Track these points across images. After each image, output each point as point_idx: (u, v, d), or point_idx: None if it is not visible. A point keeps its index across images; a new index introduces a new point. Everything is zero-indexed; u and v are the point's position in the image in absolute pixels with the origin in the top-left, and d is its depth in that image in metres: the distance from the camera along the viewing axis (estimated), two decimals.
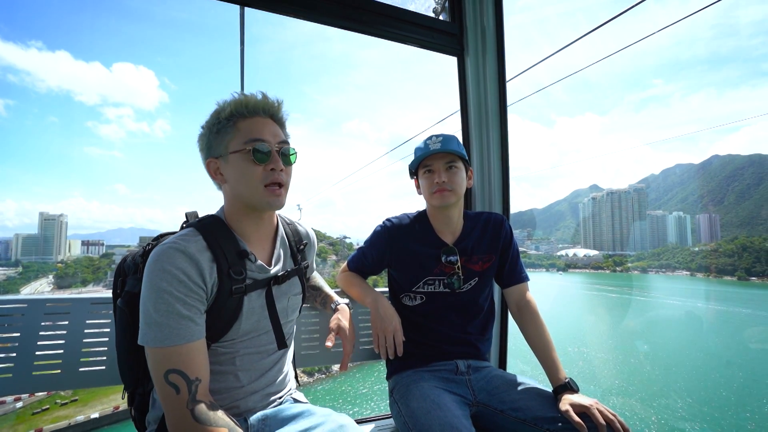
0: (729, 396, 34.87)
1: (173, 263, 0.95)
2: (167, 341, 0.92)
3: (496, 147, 2.10)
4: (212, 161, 1.10)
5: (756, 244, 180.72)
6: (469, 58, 2.11)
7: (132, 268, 1.13)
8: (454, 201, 1.53)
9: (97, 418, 30.77)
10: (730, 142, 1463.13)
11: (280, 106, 1.13)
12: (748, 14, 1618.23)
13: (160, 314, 0.92)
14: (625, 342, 55.26)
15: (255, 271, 1.12)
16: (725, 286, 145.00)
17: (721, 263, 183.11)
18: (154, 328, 0.92)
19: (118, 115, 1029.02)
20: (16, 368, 1.30)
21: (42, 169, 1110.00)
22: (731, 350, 50.52)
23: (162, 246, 0.98)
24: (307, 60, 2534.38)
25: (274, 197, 1.07)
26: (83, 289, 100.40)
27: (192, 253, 0.98)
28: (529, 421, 1.29)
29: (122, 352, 1.11)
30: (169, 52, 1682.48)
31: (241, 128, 1.06)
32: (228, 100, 1.09)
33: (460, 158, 1.54)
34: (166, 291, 0.93)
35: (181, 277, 0.95)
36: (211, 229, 1.06)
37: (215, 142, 1.08)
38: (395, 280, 1.66)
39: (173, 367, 0.91)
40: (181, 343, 0.93)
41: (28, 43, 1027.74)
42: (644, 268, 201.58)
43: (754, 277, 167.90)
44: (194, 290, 0.97)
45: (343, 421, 1.06)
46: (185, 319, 0.94)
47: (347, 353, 1.36)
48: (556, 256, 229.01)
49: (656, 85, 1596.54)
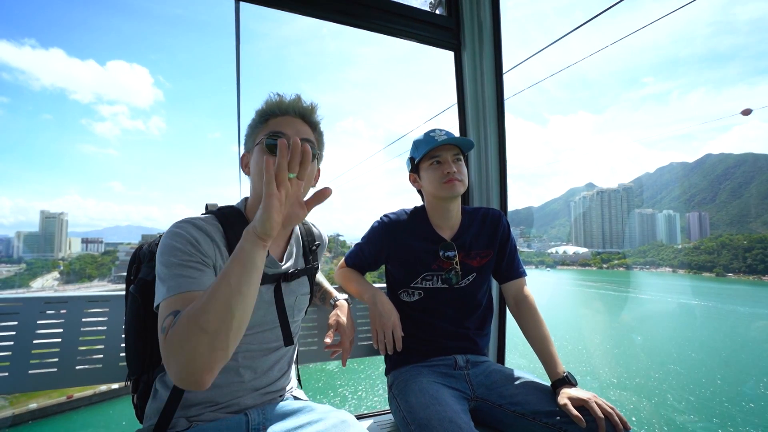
0: (680, 371, 36.88)
1: (187, 230, 0.97)
2: (173, 290, 0.90)
3: (493, 142, 2.10)
4: (245, 155, 1.16)
5: (735, 242, 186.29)
6: (466, 52, 2.11)
7: (147, 256, 1.14)
8: (462, 191, 1.54)
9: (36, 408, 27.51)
10: (723, 140, 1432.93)
11: (314, 109, 1.16)
12: (747, 11, 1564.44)
13: (170, 268, 0.92)
14: (585, 329, 58.79)
15: (266, 265, 1.11)
16: (700, 281, 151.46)
17: (702, 260, 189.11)
18: (164, 281, 0.92)
19: (112, 113, 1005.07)
20: (12, 367, 1.29)
21: (37, 166, 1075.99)
22: (685, 338, 53.66)
23: (180, 220, 1.01)
24: (305, 57, 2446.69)
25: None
26: (89, 284, 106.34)
27: (208, 230, 1.01)
28: (528, 415, 1.29)
29: (130, 338, 1.11)
30: (164, 50, 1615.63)
31: (269, 125, 1.11)
32: (266, 100, 1.14)
33: (462, 153, 1.57)
34: (178, 249, 0.94)
35: (192, 241, 0.96)
36: (229, 218, 1.08)
37: (249, 137, 1.15)
38: (393, 275, 1.66)
39: (170, 311, 0.86)
40: (186, 290, 0.90)
41: (22, 40, 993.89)
42: (629, 265, 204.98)
43: (730, 273, 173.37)
44: (203, 255, 0.97)
45: (344, 417, 1.06)
46: (191, 269, 0.94)
47: (346, 350, 1.36)
48: (546, 254, 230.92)
49: (648, 84, 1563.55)
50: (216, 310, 0.76)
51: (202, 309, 0.77)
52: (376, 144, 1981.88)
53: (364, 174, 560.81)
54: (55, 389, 1.40)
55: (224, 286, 0.77)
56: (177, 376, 0.78)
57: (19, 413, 25.75)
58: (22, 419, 25.64)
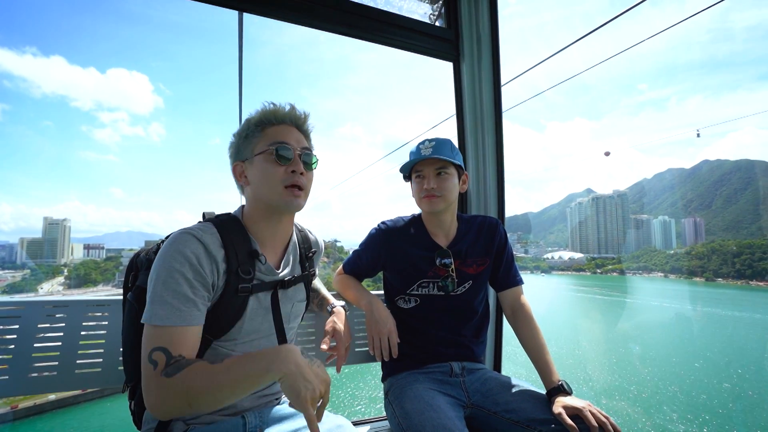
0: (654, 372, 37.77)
1: (189, 247, 0.97)
2: (167, 320, 0.92)
3: (491, 152, 2.13)
4: (238, 164, 1.15)
5: (725, 247, 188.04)
6: (465, 63, 2.15)
7: (145, 263, 1.14)
8: (442, 207, 1.54)
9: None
10: (719, 147, 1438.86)
11: (306, 117, 1.20)
12: (744, 18, 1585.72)
13: (168, 293, 0.93)
14: (563, 327, 60.64)
15: (263, 273, 1.13)
16: (689, 285, 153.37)
17: (692, 265, 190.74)
18: (159, 305, 0.93)
19: (113, 120, 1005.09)
20: (12, 370, 1.30)
21: (38, 173, 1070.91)
22: (658, 337, 55.83)
23: (179, 231, 1.01)
24: (305, 63, 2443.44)
25: (293, 198, 1.11)
26: (95, 289, 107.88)
27: (207, 243, 1.01)
28: (523, 423, 1.30)
29: (128, 346, 1.11)
30: (165, 57, 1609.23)
31: (268, 133, 1.12)
32: (258, 110, 1.15)
33: (452, 164, 1.55)
34: (178, 271, 0.95)
35: (193, 261, 0.97)
36: (227, 226, 1.09)
37: (243, 146, 1.14)
38: (390, 282, 1.67)
39: (159, 345, 0.91)
40: (179, 325, 0.93)
41: (23, 48, 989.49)
42: (623, 270, 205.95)
43: (720, 278, 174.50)
44: (204, 277, 0.99)
45: (340, 422, 1.07)
46: (190, 303, 0.95)
47: (341, 356, 1.37)
48: (542, 259, 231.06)
49: (643, 92, 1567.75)
50: (209, 401, 0.87)
51: (201, 391, 0.86)
52: (375, 149, 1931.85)
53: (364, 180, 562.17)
54: (56, 392, 1.41)
55: (227, 391, 0.86)
56: (159, 411, 0.89)
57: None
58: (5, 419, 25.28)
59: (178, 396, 0.86)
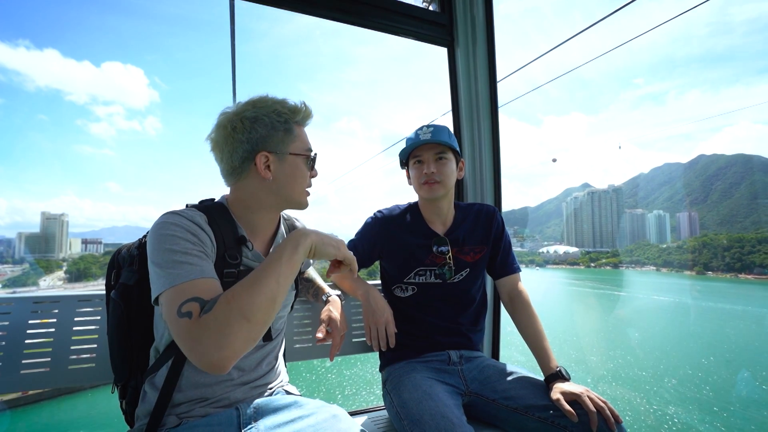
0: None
1: (178, 222, 0.96)
2: (188, 276, 0.88)
3: (487, 139, 2.11)
4: (265, 154, 1.07)
5: (715, 241, 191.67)
6: (460, 48, 2.12)
7: (127, 260, 1.10)
8: (442, 193, 1.53)
9: None
10: (716, 141, 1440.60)
11: None
12: (743, 12, 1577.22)
13: (178, 255, 0.90)
14: (553, 315, 63.12)
15: (250, 259, 1.12)
16: (678, 278, 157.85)
17: (683, 259, 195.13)
18: (171, 268, 0.88)
19: (108, 114, 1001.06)
20: (3, 366, 1.27)
21: (34, 167, 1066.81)
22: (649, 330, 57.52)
23: (166, 213, 1.00)
24: (302, 57, 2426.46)
25: (307, 199, 1.18)
26: (95, 283, 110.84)
27: (199, 222, 0.99)
28: (521, 410, 1.30)
29: (114, 345, 1.09)
30: (160, 50, 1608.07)
31: (299, 134, 1.13)
32: (278, 99, 1.11)
33: (450, 149, 1.54)
34: (174, 235, 0.92)
35: (192, 230, 0.96)
36: (213, 212, 1.07)
37: (273, 138, 1.08)
38: (387, 271, 1.66)
39: (187, 297, 0.84)
40: (201, 277, 0.89)
41: (16, 41, 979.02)
42: (616, 264, 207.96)
43: (710, 271, 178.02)
44: (203, 243, 0.97)
45: (336, 412, 1.06)
46: (203, 259, 0.93)
47: (335, 344, 1.35)
48: (537, 253, 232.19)
49: (640, 86, 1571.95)
50: (262, 303, 0.83)
51: (249, 300, 0.81)
52: (372, 144, 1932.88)
53: (362, 175, 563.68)
54: (48, 388, 1.38)
55: (273, 283, 0.84)
56: (203, 357, 0.79)
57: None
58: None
59: (232, 317, 0.80)
